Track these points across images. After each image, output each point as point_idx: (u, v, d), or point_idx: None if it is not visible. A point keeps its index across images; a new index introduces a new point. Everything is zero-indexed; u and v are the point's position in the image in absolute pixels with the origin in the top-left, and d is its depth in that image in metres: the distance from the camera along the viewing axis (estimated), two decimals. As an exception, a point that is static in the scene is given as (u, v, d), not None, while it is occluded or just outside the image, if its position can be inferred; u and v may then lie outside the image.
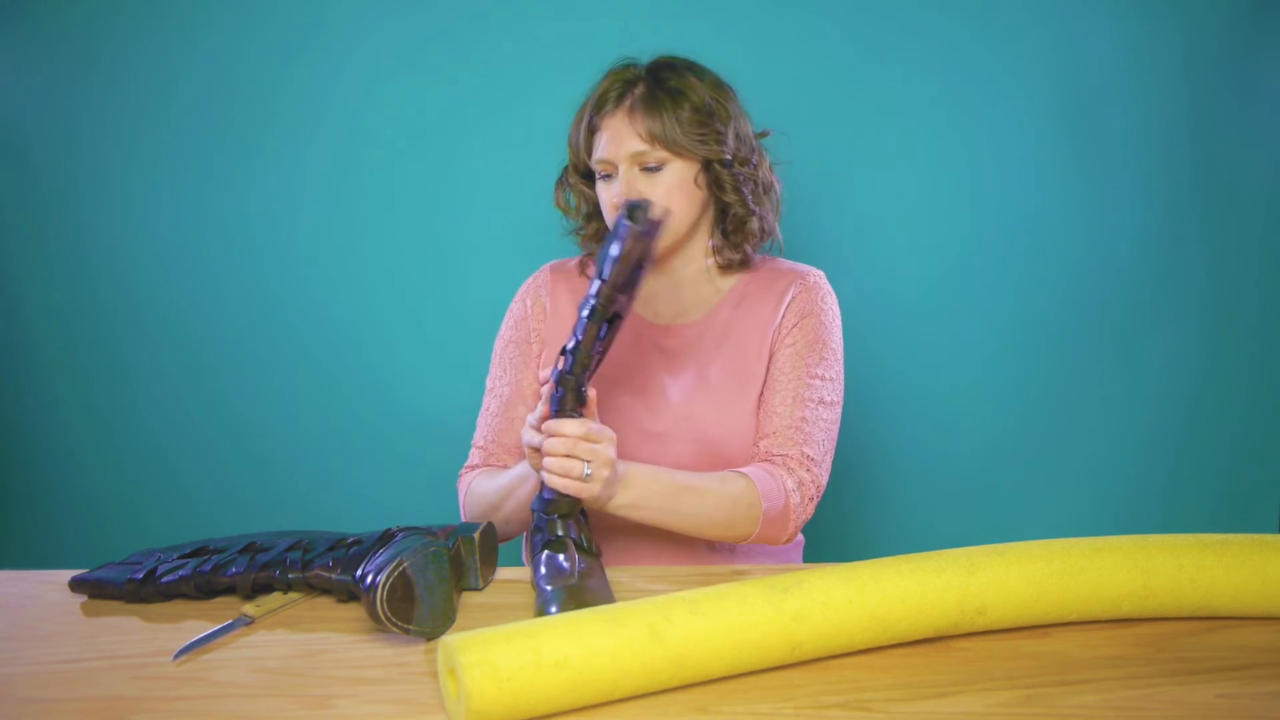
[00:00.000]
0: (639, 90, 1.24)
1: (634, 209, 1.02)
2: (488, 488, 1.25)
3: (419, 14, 1.71)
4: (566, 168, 1.33)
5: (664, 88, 1.23)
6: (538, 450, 1.05)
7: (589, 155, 1.27)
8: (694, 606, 0.83)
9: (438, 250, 1.78)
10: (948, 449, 1.83)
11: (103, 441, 1.84)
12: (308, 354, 1.80)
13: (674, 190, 1.23)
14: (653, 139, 1.21)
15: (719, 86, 1.27)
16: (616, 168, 1.23)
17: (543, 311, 1.33)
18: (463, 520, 1.31)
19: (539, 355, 1.32)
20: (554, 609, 0.95)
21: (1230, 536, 0.97)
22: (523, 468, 1.18)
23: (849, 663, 0.88)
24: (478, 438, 1.33)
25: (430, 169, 1.76)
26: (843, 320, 1.35)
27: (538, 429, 1.06)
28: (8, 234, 1.79)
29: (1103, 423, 1.82)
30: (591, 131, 1.26)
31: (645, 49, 1.31)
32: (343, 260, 1.78)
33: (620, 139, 1.22)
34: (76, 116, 1.76)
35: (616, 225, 1.02)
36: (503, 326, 1.37)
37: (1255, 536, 0.97)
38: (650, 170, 1.23)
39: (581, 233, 1.35)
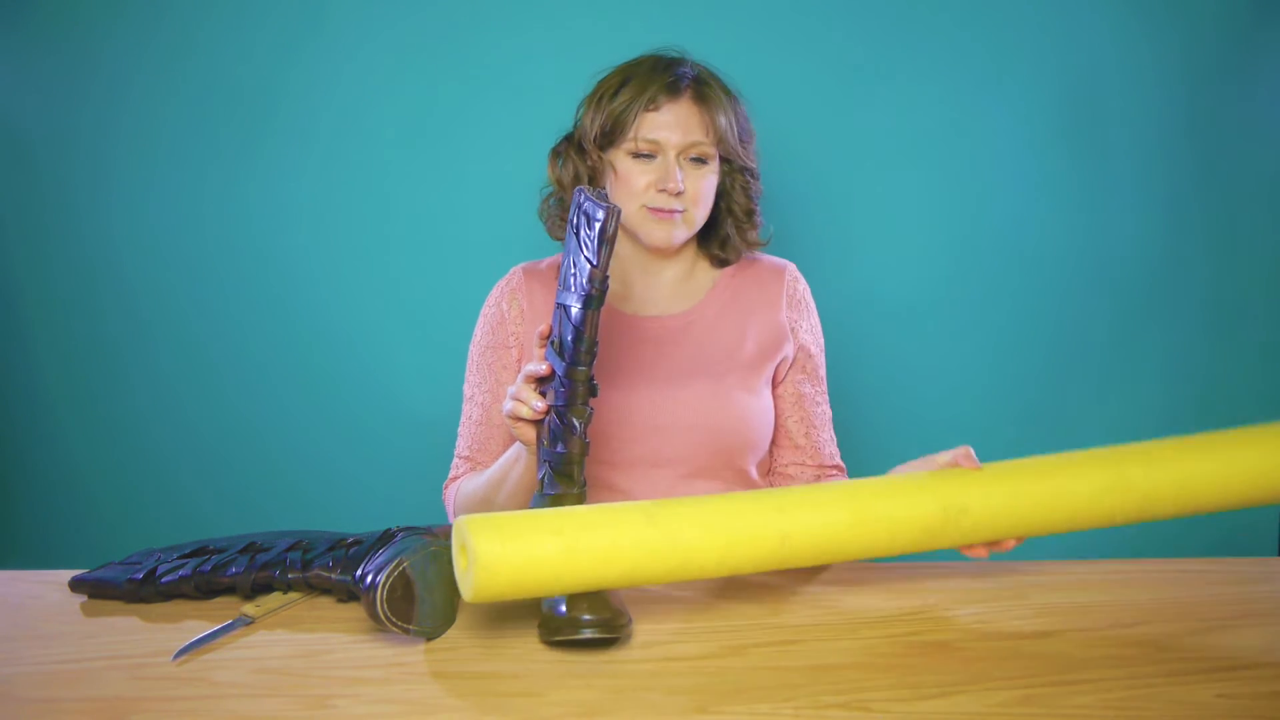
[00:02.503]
0: (691, 84, 1.24)
1: (594, 190, 1.02)
2: (476, 483, 1.23)
3: (418, 14, 1.71)
4: (569, 138, 1.31)
5: (717, 89, 1.25)
6: (523, 420, 1.04)
7: (618, 129, 1.23)
8: (686, 501, 0.91)
9: (437, 250, 1.78)
10: (942, 448, 1.83)
11: (103, 441, 1.84)
12: (308, 354, 1.80)
13: (711, 188, 1.26)
14: (716, 135, 1.23)
15: (735, 96, 1.29)
16: (662, 152, 1.22)
17: (520, 314, 1.31)
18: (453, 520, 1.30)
19: (518, 360, 1.31)
20: (563, 608, 0.94)
21: (1207, 435, 1.02)
22: (511, 451, 1.17)
23: (849, 663, 0.88)
24: (460, 448, 1.32)
25: (429, 169, 1.76)
26: (841, 323, 1.38)
27: (523, 401, 1.03)
28: (8, 234, 1.79)
29: (1102, 425, 1.82)
30: (642, 109, 1.21)
31: (645, 49, 1.31)
32: (342, 260, 1.78)
33: (684, 125, 1.21)
34: (76, 116, 1.76)
35: (590, 208, 1.01)
36: (477, 332, 1.35)
37: (1234, 431, 1.01)
38: (696, 162, 1.23)
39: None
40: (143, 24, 1.73)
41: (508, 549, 0.83)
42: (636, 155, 1.22)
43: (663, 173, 1.21)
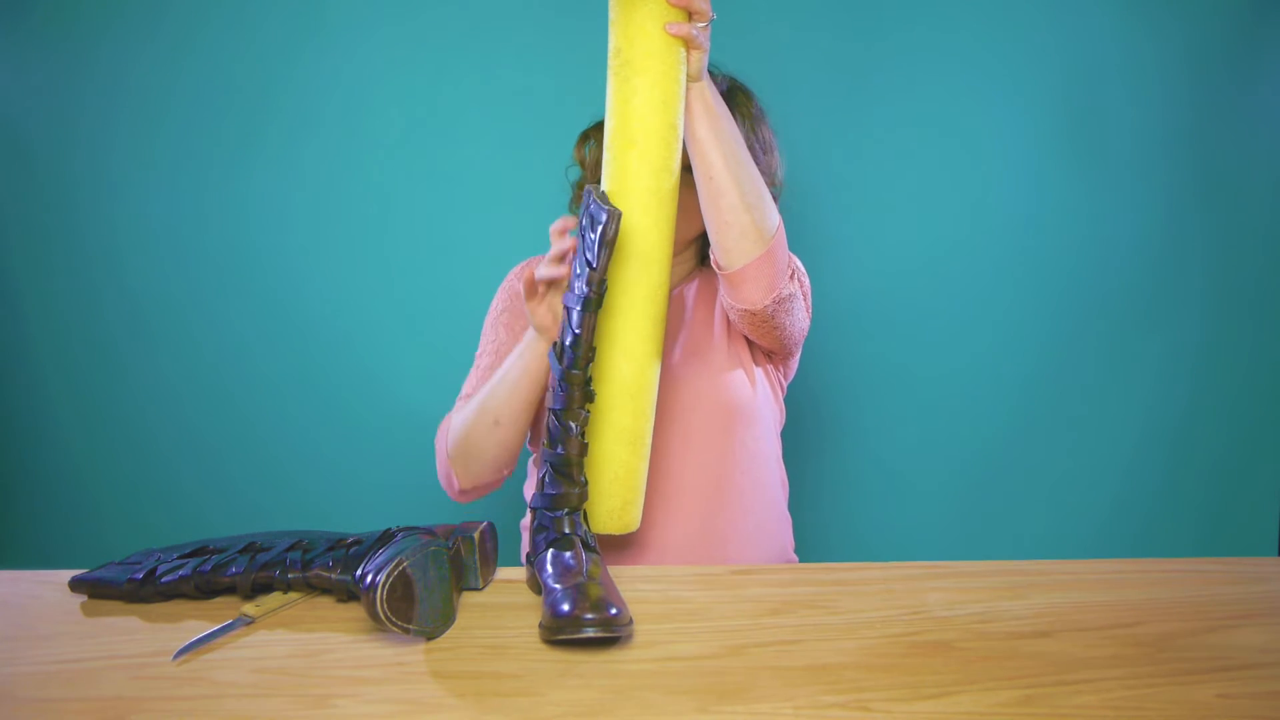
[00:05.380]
0: None
1: (601, 192, 1.03)
2: (471, 404, 1.24)
3: (417, 14, 1.72)
4: (601, 125, 1.32)
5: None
6: (549, 284, 1.11)
7: None
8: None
9: (436, 249, 1.78)
10: (941, 449, 1.83)
11: (103, 441, 1.84)
12: (307, 353, 1.81)
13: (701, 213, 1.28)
14: None
15: (760, 113, 1.31)
16: None
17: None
18: (445, 455, 1.28)
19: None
20: (565, 607, 0.94)
21: None
22: (514, 356, 1.20)
23: (849, 663, 0.88)
24: (465, 388, 1.33)
25: (428, 168, 1.76)
26: (840, 322, 1.38)
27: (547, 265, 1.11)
28: (8, 233, 1.79)
29: (1099, 424, 1.82)
30: None
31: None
32: (341, 259, 1.78)
33: None
34: (76, 116, 1.76)
35: (595, 210, 1.02)
36: (494, 302, 1.39)
37: None
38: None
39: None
40: (142, 23, 1.73)
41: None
42: None
43: None
